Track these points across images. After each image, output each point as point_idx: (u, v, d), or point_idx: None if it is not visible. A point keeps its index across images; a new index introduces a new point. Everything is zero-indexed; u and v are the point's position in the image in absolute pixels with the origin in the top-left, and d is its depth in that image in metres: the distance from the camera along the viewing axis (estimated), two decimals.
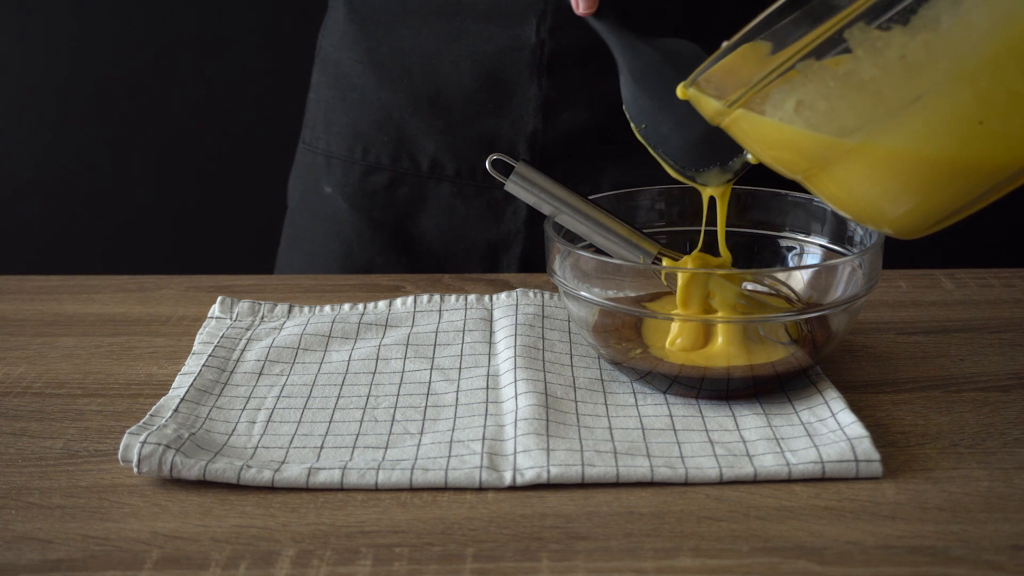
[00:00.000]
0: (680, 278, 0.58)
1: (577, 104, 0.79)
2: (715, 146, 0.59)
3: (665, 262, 0.61)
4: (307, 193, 0.88)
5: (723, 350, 0.57)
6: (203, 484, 0.50)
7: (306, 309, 0.69)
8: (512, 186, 0.59)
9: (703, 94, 0.51)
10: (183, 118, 1.54)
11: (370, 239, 0.85)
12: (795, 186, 0.66)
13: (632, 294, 0.64)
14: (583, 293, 0.58)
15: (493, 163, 0.59)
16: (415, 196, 0.84)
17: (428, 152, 0.83)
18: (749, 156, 0.59)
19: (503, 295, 0.69)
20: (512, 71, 0.79)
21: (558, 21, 0.77)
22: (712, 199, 0.61)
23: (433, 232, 0.84)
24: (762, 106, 0.48)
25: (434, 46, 0.80)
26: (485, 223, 0.83)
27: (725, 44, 0.48)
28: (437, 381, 0.59)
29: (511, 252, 0.84)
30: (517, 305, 0.67)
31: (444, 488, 0.50)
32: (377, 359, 0.62)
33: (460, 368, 0.61)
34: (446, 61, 0.80)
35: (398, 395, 0.58)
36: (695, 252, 0.61)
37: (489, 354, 0.62)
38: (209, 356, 0.62)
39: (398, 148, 0.83)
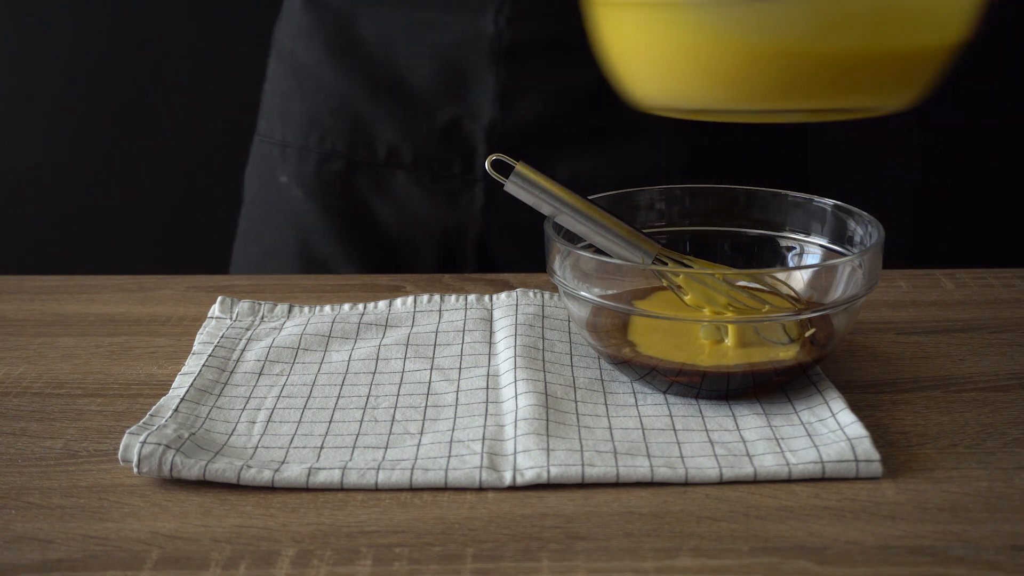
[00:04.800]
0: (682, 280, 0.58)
1: (534, 94, 0.80)
2: None
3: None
4: (263, 185, 0.88)
5: (722, 350, 0.57)
6: (203, 484, 0.50)
7: (306, 309, 0.69)
8: (511, 186, 0.59)
9: None
10: (182, 117, 1.54)
11: (326, 228, 0.85)
12: (795, 186, 0.66)
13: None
14: (583, 293, 0.58)
15: (492, 163, 0.59)
16: (371, 184, 0.84)
17: (385, 140, 0.83)
18: None
19: (503, 295, 0.69)
20: (470, 61, 0.80)
21: (516, 12, 0.78)
22: None
23: (389, 220, 0.84)
24: None
25: (392, 35, 0.81)
26: (441, 211, 0.84)
27: None
28: (437, 381, 0.59)
29: (466, 239, 0.84)
30: (517, 305, 0.67)
31: (444, 488, 0.50)
32: (377, 359, 0.62)
33: (460, 368, 0.61)
34: (405, 50, 0.81)
35: (398, 395, 0.58)
36: None
37: (489, 354, 0.62)
38: (209, 356, 0.62)
39: (355, 135, 0.84)
